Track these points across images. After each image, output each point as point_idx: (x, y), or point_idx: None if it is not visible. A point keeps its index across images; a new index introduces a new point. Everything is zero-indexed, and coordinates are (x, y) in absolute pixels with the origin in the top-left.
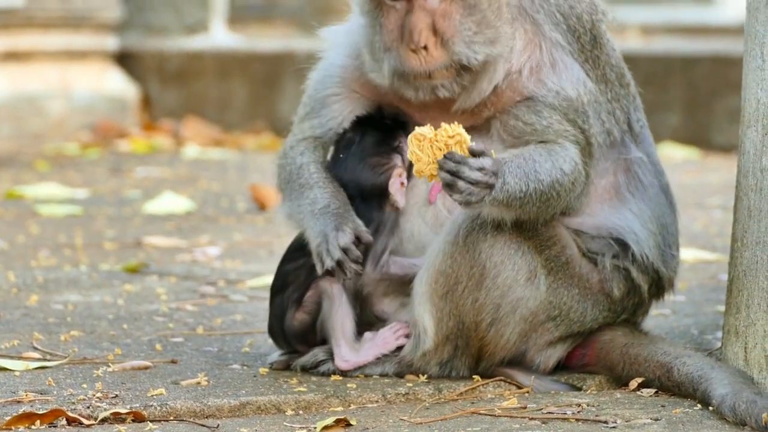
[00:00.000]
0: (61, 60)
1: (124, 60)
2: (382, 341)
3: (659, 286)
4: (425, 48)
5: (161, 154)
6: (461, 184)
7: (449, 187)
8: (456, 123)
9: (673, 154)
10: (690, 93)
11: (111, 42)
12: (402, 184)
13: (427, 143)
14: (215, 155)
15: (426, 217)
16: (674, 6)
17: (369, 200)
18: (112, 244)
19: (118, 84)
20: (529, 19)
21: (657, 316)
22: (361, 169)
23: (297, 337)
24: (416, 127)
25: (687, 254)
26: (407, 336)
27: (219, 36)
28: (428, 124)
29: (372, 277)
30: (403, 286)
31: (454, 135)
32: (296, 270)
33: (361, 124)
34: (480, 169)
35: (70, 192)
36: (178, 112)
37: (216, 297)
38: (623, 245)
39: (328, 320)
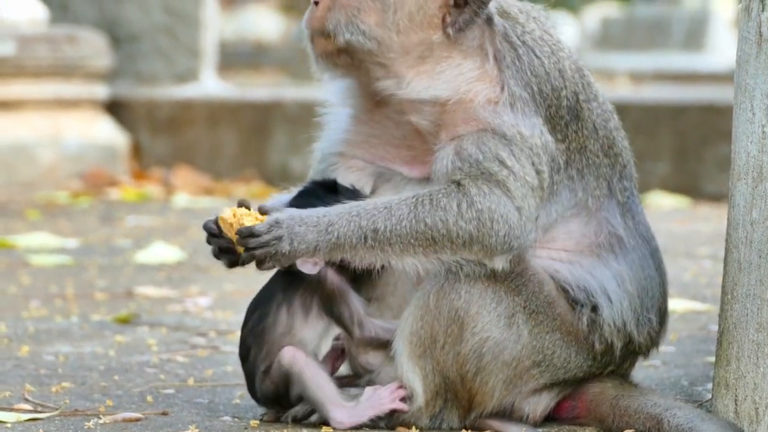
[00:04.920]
0: (51, 108)
1: (115, 108)
2: (378, 401)
3: (629, 350)
4: (316, 3)
5: (152, 203)
6: (257, 253)
7: (257, 263)
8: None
9: (662, 203)
10: (680, 141)
11: (101, 90)
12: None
13: (227, 226)
14: (205, 204)
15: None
16: (664, 53)
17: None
18: (103, 294)
19: (108, 132)
20: (495, 65)
21: (647, 367)
22: None
23: (271, 402)
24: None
25: (677, 304)
26: (403, 399)
27: (209, 84)
28: (232, 207)
29: (358, 339)
30: (388, 341)
31: (249, 215)
32: (253, 331)
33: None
34: (268, 230)
35: (61, 241)
36: (168, 161)
37: (207, 348)
38: (598, 302)
39: (306, 392)
